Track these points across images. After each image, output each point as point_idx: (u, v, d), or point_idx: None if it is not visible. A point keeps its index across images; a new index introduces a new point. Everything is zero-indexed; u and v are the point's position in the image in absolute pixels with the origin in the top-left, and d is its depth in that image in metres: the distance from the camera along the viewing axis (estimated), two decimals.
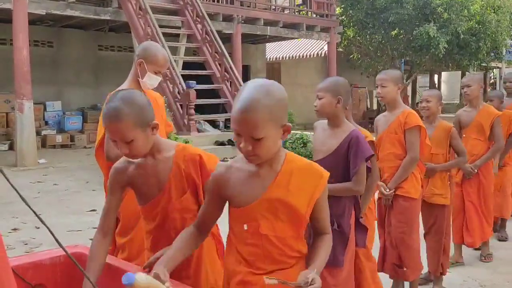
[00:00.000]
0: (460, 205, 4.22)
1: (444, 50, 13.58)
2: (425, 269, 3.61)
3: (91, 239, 2.16)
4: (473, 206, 4.20)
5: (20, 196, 1.15)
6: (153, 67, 2.77)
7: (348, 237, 2.55)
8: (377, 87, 3.35)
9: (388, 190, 3.27)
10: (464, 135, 4.21)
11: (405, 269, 3.31)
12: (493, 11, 14.94)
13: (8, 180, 1.09)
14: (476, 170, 4.14)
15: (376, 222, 3.22)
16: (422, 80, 25.11)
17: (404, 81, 18.38)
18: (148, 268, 1.79)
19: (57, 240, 1.28)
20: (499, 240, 4.83)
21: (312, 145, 2.78)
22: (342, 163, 2.54)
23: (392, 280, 3.46)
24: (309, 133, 9.63)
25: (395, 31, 14.65)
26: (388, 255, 3.36)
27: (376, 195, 3.92)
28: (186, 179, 1.92)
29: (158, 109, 2.94)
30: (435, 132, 3.63)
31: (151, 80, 2.80)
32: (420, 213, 3.51)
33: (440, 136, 3.62)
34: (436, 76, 20.04)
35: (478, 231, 4.20)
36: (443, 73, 24.43)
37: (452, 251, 4.05)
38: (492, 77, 28.07)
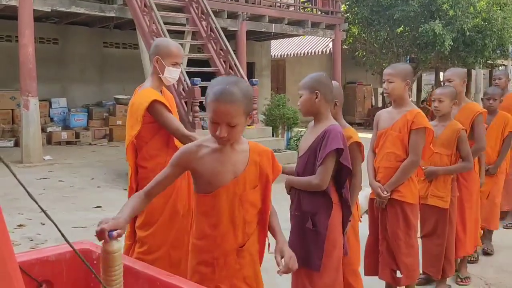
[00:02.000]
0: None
1: (450, 47, 13.51)
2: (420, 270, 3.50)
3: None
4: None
5: (27, 191, 1.14)
6: (169, 60, 2.82)
7: (324, 239, 2.43)
8: (384, 82, 3.18)
9: (385, 192, 3.09)
10: None
11: (401, 275, 3.16)
12: (499, 8, 14.85)
13: (15, 175, 1.09)
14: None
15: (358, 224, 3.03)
16: (428, 77, 25.02)
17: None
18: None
19: (63, 236, 1.28)
20: (484, 254, 4.42)
21: None
22: (316, 159, 2.45)
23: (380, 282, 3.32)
24: None
25: (401, 28, 14.58)
26: (385, 260, 3.21)
27: (365, 195, 3.84)
28: (259, 174, 1.96)
29: (173, 107, 3.00)
30: (445, 131, 3.48)
31: (171, 74, 2.84)
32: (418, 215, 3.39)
33: (448, 136, 3.47)
34: (441, 74, 19.96)
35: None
36: None
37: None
38: None
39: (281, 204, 2.82)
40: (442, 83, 3.99)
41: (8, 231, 0.97)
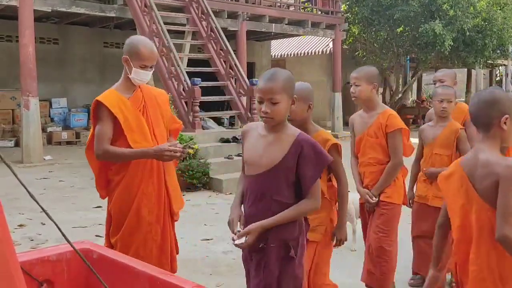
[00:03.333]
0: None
1: (450, 47, 13.51)
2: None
3: (97, 235, 2.19)
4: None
5: (28, 192, 1.15)
6: (138, 62, 2.69)
7: (299, 263, 2.14)
8: (351, 85, 3.18)
9: (374, 198, 3.13)
10: None
11: (379, 275, 3.13)
12: (499, 8, 14.84)
13: (16, 176, 1.10)
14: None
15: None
16: (428, 77, 25.00)
17: (409, 78, 18.31)
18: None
19: (64, 236, 1.28)
20: None
21: (243, 155, 2.26)
22: (288, 177, 2.07)
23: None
24: None
25: (401, 28, 14.58)
26: (365, 260, 3.22)
27: (352, 200, 3.79)
28: None
29: (156, 107, 2.85)
30: (443, 131, 3.44)
31: (138, 76, 2.71)
32: (412, 215, 3.37)
33: (447, 136, 3.43)
34: None
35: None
36: None
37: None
38: (498, 75, 27.95)
39: None
40: (434, 83, 3.90)
41: (9, 231, 0.97)
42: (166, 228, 2.78)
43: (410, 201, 3.58)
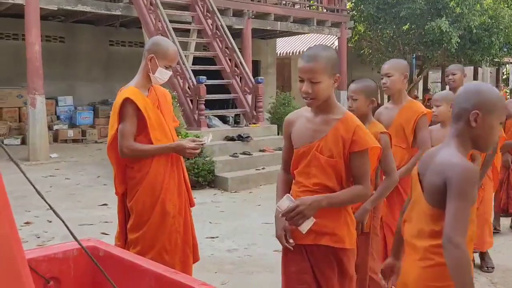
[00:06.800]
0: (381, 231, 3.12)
1: (456, 45, 13.43)
2: None
3: (103, 233, 2.20)
4: (390, 233, 3.08)
5: (36, 189, 1.16)
6: (164, 62, 2.76)
7: None
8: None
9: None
10: None
11: None
12: (506, 5, 14.76)
13: (24, 173, 1.10)
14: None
15: None
16: (434, 75, 24.89)
17: (415, 76, 18.24)
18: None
19: (71, 233, 1.29)
20: (483, 271, 3.96)
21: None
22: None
23: None
24: None
25: (407, 26, 14.51)
26: None
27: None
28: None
29: (166, 105, 2.94)
30: None
31: (162, 75, 2.78)
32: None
33: None
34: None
35: None
36: None
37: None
38: (505, 73, 27.79)
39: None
40: (381, 78, 3.29)
41: (17, 228, 0.98)
42: (187, 219, 2.89)
43: None
